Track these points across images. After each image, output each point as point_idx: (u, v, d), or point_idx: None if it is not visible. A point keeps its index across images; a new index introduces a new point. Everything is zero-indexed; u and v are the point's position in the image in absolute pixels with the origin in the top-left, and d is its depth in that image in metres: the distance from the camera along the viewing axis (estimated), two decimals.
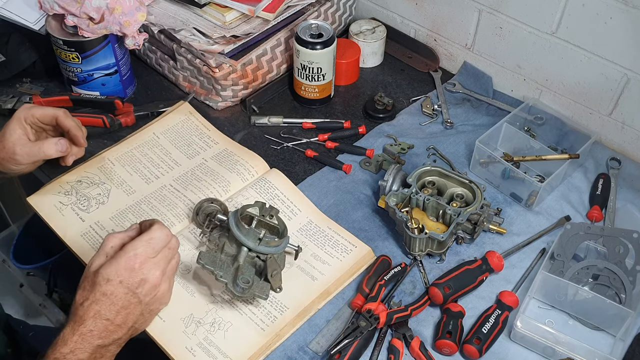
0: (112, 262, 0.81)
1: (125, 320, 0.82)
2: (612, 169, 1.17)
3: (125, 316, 0.82)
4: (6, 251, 1.66)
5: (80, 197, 1.08)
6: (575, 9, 1.12)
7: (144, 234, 0.84)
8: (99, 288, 0.80)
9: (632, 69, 1.11)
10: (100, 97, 1.25)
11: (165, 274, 0.86)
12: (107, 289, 0.80)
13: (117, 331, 0.81)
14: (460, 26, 1.32)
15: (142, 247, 0.83)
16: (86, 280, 0.82)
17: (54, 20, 1.20)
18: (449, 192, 1.06)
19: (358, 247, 1.04)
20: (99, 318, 0.80)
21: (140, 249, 0.82)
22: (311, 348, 0.93)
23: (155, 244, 0.84)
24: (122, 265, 0.81)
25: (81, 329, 0.79)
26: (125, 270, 0.81)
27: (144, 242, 0.83)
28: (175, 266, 0.88)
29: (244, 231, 0.92)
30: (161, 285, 0.85)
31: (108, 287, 0.80)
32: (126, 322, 0.82)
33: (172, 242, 0.86)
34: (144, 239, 0.83)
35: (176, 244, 0.88)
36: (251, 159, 1.15)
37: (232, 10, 1.25)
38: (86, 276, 0.83)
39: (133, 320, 0.83)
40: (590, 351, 0.90)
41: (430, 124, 1.27)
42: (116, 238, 0.85)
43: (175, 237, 0.88)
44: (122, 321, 0.81)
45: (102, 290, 0.80)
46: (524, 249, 1.06)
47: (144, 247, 0.83)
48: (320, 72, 1.24)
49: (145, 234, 0.84)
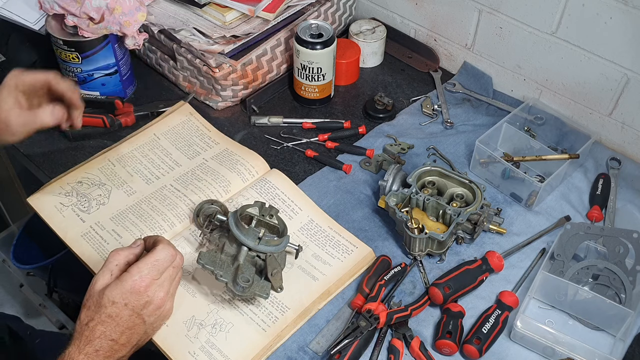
0: (118, 284, 0.81)
1: (129, 340, 0.83)
2: (612, 169, 1.17)
3: (129, 336, 0.82)
4: (6, 251, 1.66)
5: (80, 197, 1.08)
6: (575, 9, 1.13)
7: (150, 255, 0.84)
8: (104, 310, 0.81)
9: (632, 69, 1.11)
10: (100, 97, 1.25)
11: (169, 292, 0.86)
12: (113, 311, 0.81)
13: (122, 350, 0.82)
14: (460, 26, 1.32)
15: (147, 270, 0.83)
16: (91, 299, 0.82)
17: (54, 20, 1.20)
18: (449, 192, 1.06)
19: (359, 248, 1.04)
20: (104, 339, 0.80)
21: (145, 271, 0.82)
22: (311, 348, 0.93)
23: (161, 265, 0.84)
24: (127, 288, 0.81)
25: (87, 349, 0.79)
26: (130, 294, 0.81)
27: (150, 265, 0.83)
28: (178, 282, 0.89)
29: (244, 230, 0.92)
30: (165, 305, 0.86)
31: (113, 309, 0.81)
32: (130, 341, 0.83)
33: (176, 260, 0.86)
34: (150, 262, 0.83)
35: (180, 262, 0.88)
36: (251, 159, 1.15)
37: (232, 10, 1.25)
38: (91, 295, 0.82)
39: (137, 339, 0.84)
40: (590, 351, 0.90)
41: (430, 124, 1.27)
42: (121, 256, 0.85)
43: (179, 254, 0.88)
44: (126, 340, 0.82)
45: (108, 312, 0.81)
46: (524, 249, 1.06)
47: (149, 269, 0.83)
48: (320, 72, 1.24)
49: (150, 256, 0.84)
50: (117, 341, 0.81)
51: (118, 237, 1.02)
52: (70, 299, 1.74)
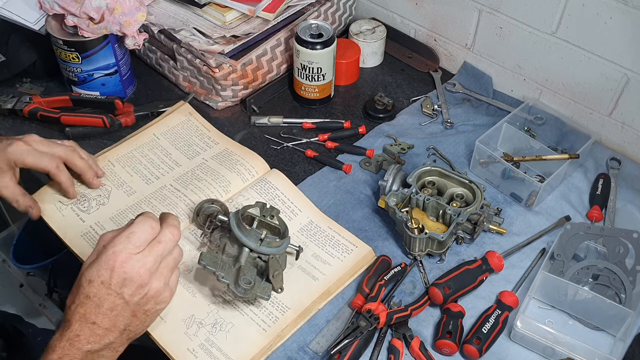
0: (94, 262, 0.76)
1: (114, 323, 0.77)
2: (612, 169, 1.17)
3: (113, 319, 0.76)
4: (6, 251, 1.66)
5: (80, 197, 1.08)
6: (575, 9, 1.13)
7: (124, 228, 0.78)
8: (82, 290, 0.75)
9: (632, 69, 1.11)
10: (100, 97, 1.25)
11: (157, 270, 0.78)
12: (90, 290, 0.75)
13: (107, 335, 0.76)
14: (460, 26, 1.32)
15: (122, 244, 0.76)
16: (76, 282, 0.77)
17: (54, 20, 1.20)
18: (449, 192, 1.06)
19: (359, 247, 1.04)
20: (84, 322, 0.75)
21: (120, 246, 0.76)
22: (311, 348, 0.93)
23: (137, 239, 0.77)
24: (102, 264, 0.75)
25: (68, 334, 0.75)
26: (105, 270, 0.75)
27: (124, 238, 0.76)
28: (171, 262, 0.80)
29: (246, 232, 0.92)
30: (151, 284, 0.77)
31: (91, 289, 0.75)
32: (116, 325, 0.77)
33: (162, 235, 0.79)
34: (124, 234, 0.77)
35: (169, 237, 0.79)
36: (251, 159, 1.15)
37: (232, 10, 1.25)
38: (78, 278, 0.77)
39: (124, 323, 0.77)
40: (590, 351, 0.90)
41: (430, 124, 1.27)
42: (107, 236, 0.79)
43: (168, 229, 0.80)
44: (110, 324, 0.76)
45: (85, 292, 0.75)
46: (524, 249, 1.06)
47: (123, 243, 0.76)
48: (320, 72, 1.24)
49: (125, 228, 0.78)
50: (99, 325, 0.75)
51: None
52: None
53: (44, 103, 1.22)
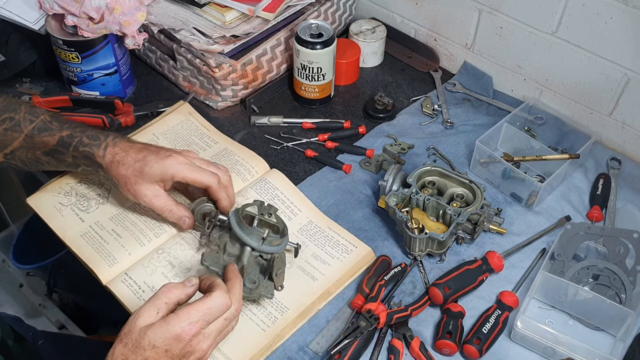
0: (163, 326, 0.74)
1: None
2: (612, 169, 1.17)
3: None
4: (6, 251, 1.66)
5: (80, 197, 1.08)
6: (575, 9, 1.12)
7: (203, 301, 0.77)
8: (142, 352, 0.74)
9: (632, 69, 1.11)
10: (100, 97, 1.24)
11: (214, 343, 0.79)
12: (151, 354, 0.74)
13: None
14: (461, 26, 1.32)
15: (198, 317, 0.75)
16: (130, 335, 0.74)
17: (54, 20, 1.20)
18: (449, 192, 1.06)
19: (359, 247, 1.04)
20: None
21: (195, 319, 0.75)
22: (311, 348, 0.93)
23: (212, 315, 0.77)
24: (172, 334, 0.74)
25: None
26: (174, 341, 0.74)
27: (201, 312, 0.76)
28: (225, 335, 0.82)
29: (247, 231, 0.91)
30: (206, 356, 0.79)
31: (152, 354, 0.74)
32: None
33: (229, 311, 0.79)
34: (202, 308, 0.76)
35: (233, 315, 0.80)
36: (251, 159, 1.15)
37: (232, 10, 1.25)
38: (131, 329, 0.75)
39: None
40: (591, 351, 0.90)
41: (431, 124, 1.27)
42: (173, 294, 0.77)
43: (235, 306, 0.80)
44: None
45: (146, 355, 0.74)
46: (524, 249, 1.06)
47: (199, 317, 0.75)
48: (320, 72, 1.24)
49: (204, 302, 0.76)
50: None
51: (118, 237, 1.02)
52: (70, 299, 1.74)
53: (43, 103, 1.22)
